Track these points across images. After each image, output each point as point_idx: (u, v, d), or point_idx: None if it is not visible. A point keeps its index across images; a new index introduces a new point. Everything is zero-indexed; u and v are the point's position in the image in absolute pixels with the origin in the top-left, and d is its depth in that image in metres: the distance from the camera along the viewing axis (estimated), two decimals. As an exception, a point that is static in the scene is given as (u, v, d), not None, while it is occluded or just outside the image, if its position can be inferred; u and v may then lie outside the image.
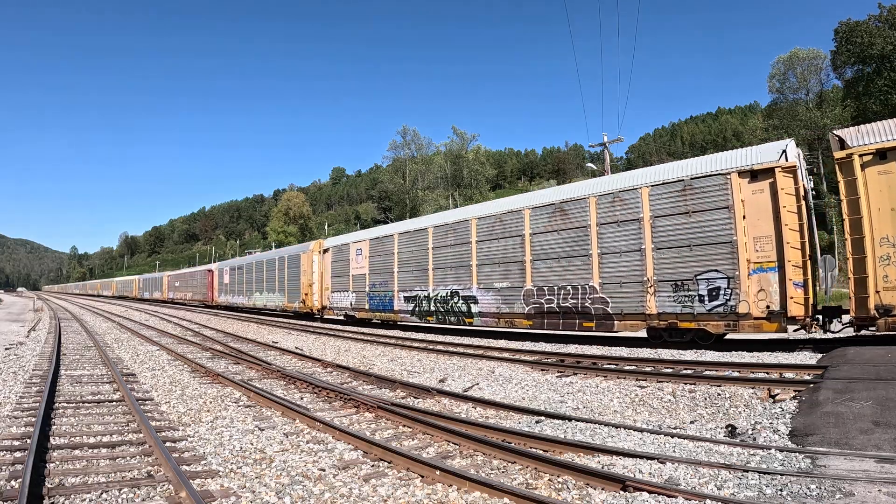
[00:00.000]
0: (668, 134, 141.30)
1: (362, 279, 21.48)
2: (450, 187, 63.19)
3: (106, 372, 10.19)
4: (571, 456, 4.93)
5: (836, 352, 8.57)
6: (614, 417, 6.79)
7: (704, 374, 8.11)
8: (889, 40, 37.02)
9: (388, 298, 19.78)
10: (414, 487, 4.33)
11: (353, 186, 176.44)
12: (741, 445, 5.06)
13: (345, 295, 22.76)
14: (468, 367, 10.27)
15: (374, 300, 20.64)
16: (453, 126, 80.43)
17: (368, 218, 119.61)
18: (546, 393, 8.04)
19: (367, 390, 8.44)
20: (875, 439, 4.77)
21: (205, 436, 5.89)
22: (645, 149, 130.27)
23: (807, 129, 44.37)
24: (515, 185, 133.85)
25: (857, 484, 3.82)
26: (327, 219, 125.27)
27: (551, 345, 13.11)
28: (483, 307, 15.56)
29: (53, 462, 4.94)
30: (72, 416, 6.71)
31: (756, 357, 9.37)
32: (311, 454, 5.21)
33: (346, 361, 11.69)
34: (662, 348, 11.56)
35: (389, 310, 19.68)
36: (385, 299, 19.95)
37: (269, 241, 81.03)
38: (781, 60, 49.08)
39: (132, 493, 4.23)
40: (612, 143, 25.32)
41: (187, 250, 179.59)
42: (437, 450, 5.36)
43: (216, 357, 12.50)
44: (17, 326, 22.13)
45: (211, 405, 7.43)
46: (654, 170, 12.57)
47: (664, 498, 3.78)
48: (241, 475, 4.65)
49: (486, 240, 15.69)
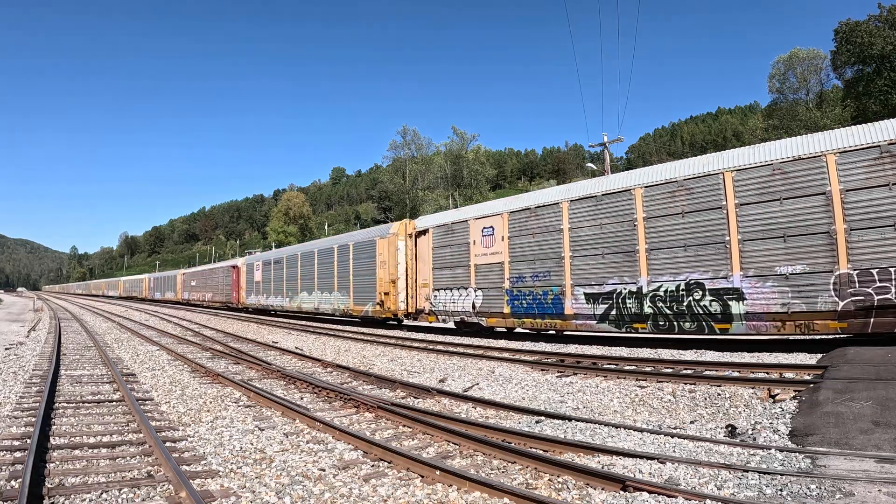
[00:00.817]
0: (668, 134, 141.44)
1: (495, 270, 15.35)
2: (450, 187, 63.20)
3: (106, 372, 10.19)
4: (571, 456, 4.93)
5: (836, 352, 8.57)
6: (614, 417, 6.79)
7: (704, 374, 8.11)
8: (889, 40, 36.99)
9: (550, 297, 13.83)
10: (414, 487, 4.33)
11: (353, 186, 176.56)
12: (741, 445, 5.06)
13: (461, 294, 16.55)
14: (468, 367, 10.27)
15: (520, 300, 14.59)
16: (453, 126, 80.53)
17: (368, 218, 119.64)
18: (546, 393, 8.04)
19: (367, 390, 8.44)
20: (875, 439, 4.77)
21: (205, 436, 5.89)
22: (645, 149, 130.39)
23: (807, 129, 44.33)
24: (515, 185, 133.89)
25: (857, 484, 3.82)
26: (327, 219, 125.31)
27: (551, 345, 13.11)
28: (754, 305, 10.36)
29: (53, 462, 4.94)
30: (72, 416, 6.71)
31: (756, 357, 9.36)
32: (311, 454, 5.22)
33: (346, 361, 11.69)
34: (663, 348, 11.55)
35: (553, 313, 13.73)
36: (544, 299, 13.96)
37: (269, 241, 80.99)
38: (781, 60, 49.07)
39: (132, 493, 4.23)
40: (612, 143, 25.34)
41: (187, 250, 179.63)
42: (437, 450, 5.36)
43: (216, 357, 12.50)
44: (17, 326, 22.13)
45: (211, 405, 7.43)
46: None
47: (664, 498, 3.78)
48: (241, 475, 4.65)
49: (757, 202, 10.42)
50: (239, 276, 36.49)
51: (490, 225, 15.71)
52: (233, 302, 37.13)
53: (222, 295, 39.63)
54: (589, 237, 13.06)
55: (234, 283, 36.94)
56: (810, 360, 8.52)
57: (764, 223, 10.33)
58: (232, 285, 37.36)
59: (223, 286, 39.64)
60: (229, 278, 38.20)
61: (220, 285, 40.64)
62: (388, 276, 19.52)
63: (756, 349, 10.43)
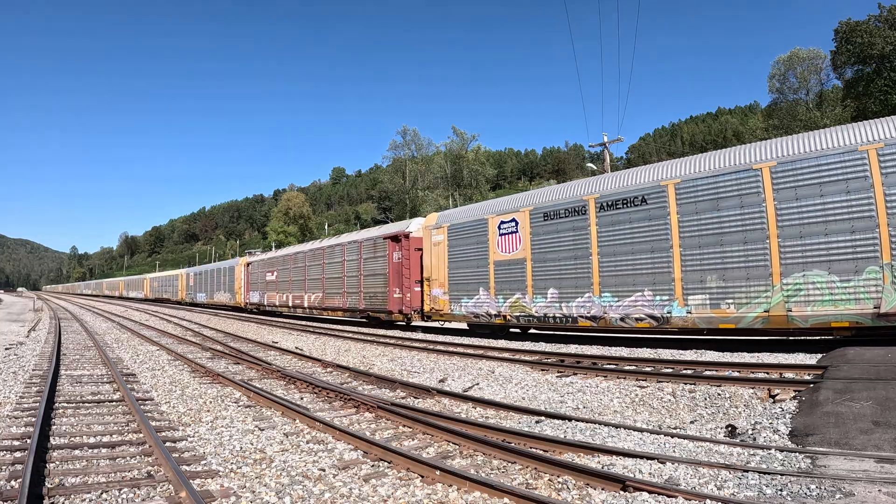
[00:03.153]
0: (668, 134, 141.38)
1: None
2: (450, 187, 63.19)
3: (106, 372, 10.19)
4: (571, 456, 4.93)
5: (836, 352, 8.57)
6: (614, 417, 6.80)
7: (704, 374, 8.11)
8: (889, 40, 36.99)
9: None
10: (414, 487, 4.33)
11: (353, 186, 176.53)
12: (741, 445, 5.06)
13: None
14: (468, 367, 10.27)
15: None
16: (453, 126, 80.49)
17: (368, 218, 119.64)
18: (546, 393, 8.04)
19: (367, 390, 8.44)
20: (875, 439, 4.77)
21: (205, 436, 5.89)
22: (645, 149, 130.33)
23: (807, 129, 44.33)
24: (515, 185, 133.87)
25: (857, 484, 3.82)
26: (327, 219, 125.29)
27: (551, 345, 13.10)
28: None
29: (53, 462, 4.94)
30: (72, 416, 6.72)
31: (756, 357, 9.36)
32: (311, 454, 5.22)
33: (346, 361, 11.69)
34: (662, 348, 11.55)
35: None
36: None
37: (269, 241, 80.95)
38: (781, 60, 49.08)
39: (132, 493, 4.23)
40: (612, 143, 25.30)
41: (187, 250, 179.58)
42: (437, 450, 5.36)
43: (216, 357, 12.50)
44: (17, 326, 22.13)
45: (211, 405, 7.43)
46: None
47: (664, 498, 3.78)
48: (241, 475, 4.65)
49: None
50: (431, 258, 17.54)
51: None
52: (398, 310, 18.42)
53: (360, 297, 20.66)
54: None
55: (397, 275, 18.33)
56: (810, 360, 8.52)
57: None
58: (391, 278, 18.53)
59: (373, 280, 19.95)
60: (381, 262, 19.16)
61: (351, 279, 21.56)
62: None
63: (756, 349, 10.42)
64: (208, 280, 44.81)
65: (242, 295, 35.89)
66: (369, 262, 20.75)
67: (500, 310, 14.84)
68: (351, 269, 22.13)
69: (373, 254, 20.55)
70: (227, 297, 39.66)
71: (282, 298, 29.23)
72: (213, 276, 43.81)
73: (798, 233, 9.72)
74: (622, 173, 13.47)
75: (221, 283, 41.03)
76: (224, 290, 40.30)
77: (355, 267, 21.73)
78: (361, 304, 21.04)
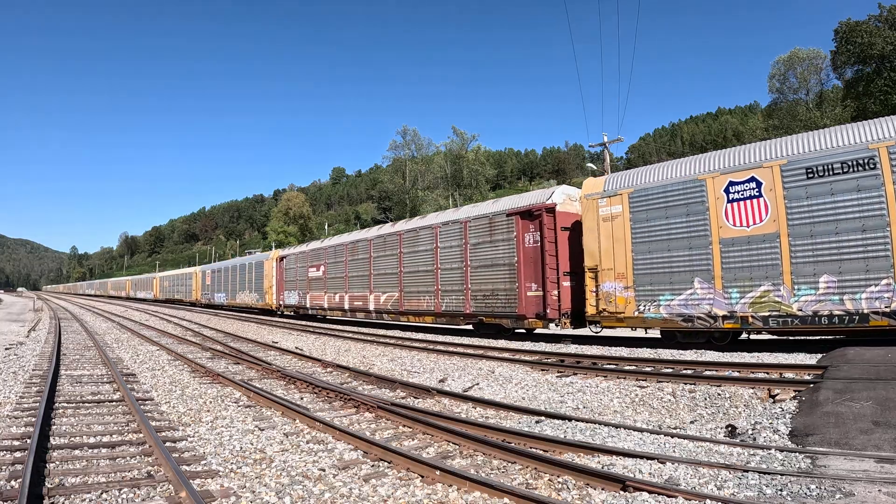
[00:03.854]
0: (668, 134, 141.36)
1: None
2: (450, 187, 63.18)
3: (106, 372, 10.19)
4: (571, 456, 4.93)
5: (835, 352, 8.57)
6: (614, 417, 6.80)
7: (704, 374, 8.11)
8: (889, 40, 36.98)
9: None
10: (414, 487, 4.33)
11: (353, 186, 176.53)
12: (741, 445, 5.06)
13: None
14: (468, 367, 10.27)
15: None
16: (453, 126, 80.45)
17: (368, 218, 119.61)
18: (546, 393, 8.04)
19: (367, 390, 8.44)
20: (875, 439, 4.77)
21: (205, 436, 5.89)
22: (645, 149, 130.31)
23: (807, 129, 44.34)
24: (515, 185, 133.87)
25: (857, 484, 3.82)
26: (327, 219, 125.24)
27: (551, 345, 13.10)
28: None
29: (53, 462, 4.94)
30: (72, 416, 6.71)
31: (756, 357, 9.36)
32: (311, 454, 5.22)
33: (346, 361, 11.69)
34: (663, 348, 11.55)
35: None
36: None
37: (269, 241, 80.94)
38: (781, 60, 49.07)
39: (132, 493, 4.23)
40: (612, 143, 25.31)
41: (187, 250, 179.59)
42: (437, 450, 5.36)
43: (216, 357, 12.50)
44: (17, 326, 22.13)
45: (211, 405, 7.43)
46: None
47: (664, 498, 3.78)
48: (241, 475, 4.65)
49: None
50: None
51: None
52: (536, 313, 14.08)
53: (466, 296, 16.07)
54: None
55: (533, 264, 14.18)
56: (810, 360, 8.52)
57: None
58: (522, 269, 14.31)
59: (489, 273, 15.54)
60: (505, 248, 14.96)
61: (451, 273, 16.96)
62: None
63: (756, 349, 10.42)
64: (229, 278, 38.56)
65: (274, 296, 30.29)
66: (482, 248, 15.58)
67: (732, 309, 10.56)
68: (449, 259, 16.76)
69: (488, 237, 15.43)
70: (252, 297, 33.96)
71: (333, 300, 23.27)
72: (235, 274, 37.43)
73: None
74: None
75: (246, 281, 35.18)
76: (249, 290, 34.55)
77: (457, 256, 16.45)
78: (468, 306, 15.74)
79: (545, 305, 13.60)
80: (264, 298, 31.89)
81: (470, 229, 16.17)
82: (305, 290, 26.05)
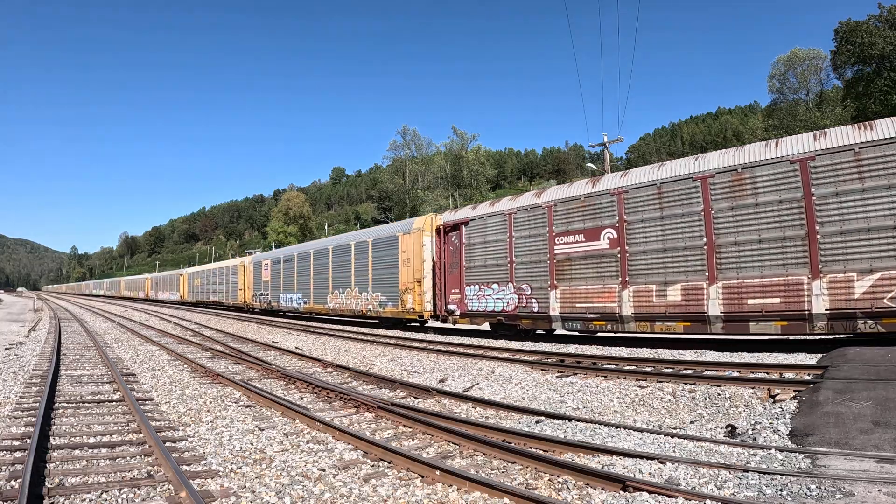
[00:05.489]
0: (668, 134, 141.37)
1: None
2: (450, 187, 63.20)
3: (106, 372, 10.19)
4: (571, 456, 4.93)
5: (835, 352, 8.57)
6: (614, 417, 6.80)
7: (704, 374, 8.11)
8: (889, 40, 36.98)
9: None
10: (414, 487, 4.33)
11: (353, 186, 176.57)
12: (741, 445, 5.06)
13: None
14: (468, 367, 10.27)
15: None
16: (453, 126, 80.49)
17: (368, 218, 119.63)
18: (546, 393, 8.04)
19: (367, 390, 8.44)
20: (875, 439, 4.77)
21: (205, 436, 5.89)
22: (645, 149, 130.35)
23: (807, 129, 44.34)
24: (515, 185, 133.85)
25: (857, 484, 3.82)
26: (327, 219, 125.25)
27: (551, 345, 13.10)
28: None
29: (53, 462, 4.94)
30: (72, 416, 6.71)
31: (756, 357, 9.36)
32: (311, 454, 5.22)
33: (346, 361, 11.69)
34: (663, 348, 11.55)
35: None
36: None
37: (269, 241, 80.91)
38: (781, 60, 49.10)
39: (132, 493, 4.23)
40: (612, 143, 25.30)
41: (187, 250, 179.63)
42: (438, 450, 5.36)
43: (216, 357, 12.50)
44: (17, 326, 22.13)
45: (211, 405, 7.43)
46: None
47: (664, 498, 3.78)
48: (241, 475, 4.65)
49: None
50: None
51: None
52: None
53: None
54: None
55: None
56: (810, 360, 8.52)
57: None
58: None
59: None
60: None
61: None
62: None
63: (756, 349, 10.42)
64: (311, 271, 24.49)
65: (435, 297, 17.08)
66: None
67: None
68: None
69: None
70: (370, 300, 20.12)
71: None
72: (324, 264, 23.30)
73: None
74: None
75: (350, 275, 21.36)
76: (362, 289, 20.58)
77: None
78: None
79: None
80: (400, 302, 18.38)
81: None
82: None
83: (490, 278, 15.06)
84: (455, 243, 16.24)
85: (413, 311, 17.82)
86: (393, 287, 18.86)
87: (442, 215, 17.54)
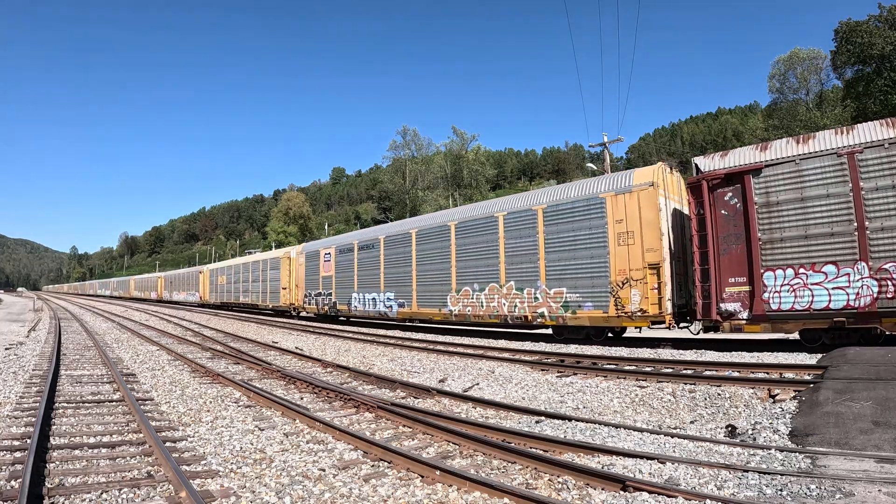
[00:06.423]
0: (668, 134, 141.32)
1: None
2: (450, 187, 63.14)
3: (106, 372, 10.19)
4: (571, 456, 4.93)
5: (835, 352, 8.57)
6: (614, 417, 6.79)
7: (704, 374, 8.11)
8: (889, 40, 36.96)
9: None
10: (414, 487, 4.32)
11: (353, 186, 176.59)
12: (741, 445, 5.06)
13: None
14: (468, 367, 10.27)
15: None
16: (453, 126, 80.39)
17: (368, 218, 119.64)
18: (546, 393, 8.04)
19: (367, 390, 8.44)
20: (875, 439, 4.77)
21: (205, 436, 5.89)
22: (645, 149, 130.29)
23: (807, 129, 44.33)
24: (515, 185, 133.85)
25: (857, 484, 3.82)
26: (327, 219, 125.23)
27: (551, 345, 13.10)
28: None
29: (53, 462, 4.94)
30: (72, 416, 6.71)
31: (756, 357, 9.36)
32: (311, 454, 5.21)
33: (346, 361, 11.69)
34: (662, 348, 11.54)
35: None
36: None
37: (269, 241, 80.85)
38: (781, 60, 49.05)
39: (132, 493, 4.23)
40: (612, 143, 25.28)
41: (187, 250, 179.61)
42: (438, 450, 5.36)
43: (216, 357, 12.49)
44: (17, 326, 22.13)
45: (211, 405, 7.43)
46: None
47: (664, 498, 3.78)
48: (241, 475, 4.65)
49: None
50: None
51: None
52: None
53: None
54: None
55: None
56: (810, 360, 8.52)
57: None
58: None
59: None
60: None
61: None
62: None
63: (756, 349, 10.42)
64: (412, 260, 18.17)
65: (678, 290, 12.03)
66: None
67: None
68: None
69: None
70: (542, 300, 13.75)
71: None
72: (440, 249, 17.04)
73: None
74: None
75: (498, 263, 14.91)
76: (523, 283, 14.28)
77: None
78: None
79: None
80: (622, 298, 12.14)
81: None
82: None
83: (817, 256, 9.58)
84: (733, 205, 10.50)
85: (640, 313, 11.69)
86: (595, 278, 12.60)
87: (697, 160, 11.31)
